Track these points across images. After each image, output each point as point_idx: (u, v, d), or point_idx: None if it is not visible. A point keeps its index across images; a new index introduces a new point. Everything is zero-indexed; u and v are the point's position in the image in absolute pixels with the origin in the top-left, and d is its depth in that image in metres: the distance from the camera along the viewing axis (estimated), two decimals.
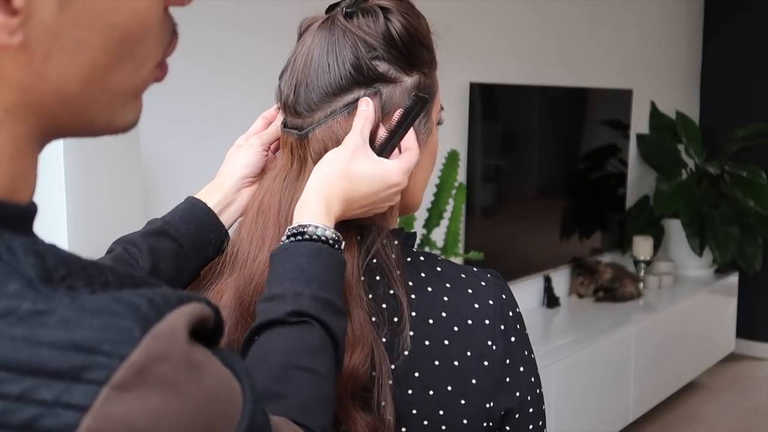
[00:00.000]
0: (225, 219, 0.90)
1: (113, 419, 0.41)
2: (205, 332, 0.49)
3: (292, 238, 0.77)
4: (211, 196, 0.90)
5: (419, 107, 0.82)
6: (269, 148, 0.92)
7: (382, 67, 0.83)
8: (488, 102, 3.29)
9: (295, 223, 0.78)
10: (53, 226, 1.53)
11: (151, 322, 0.43)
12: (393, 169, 0.81)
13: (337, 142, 0.82)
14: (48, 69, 0.46)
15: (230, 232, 0.91)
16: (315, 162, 0.82)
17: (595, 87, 3.96)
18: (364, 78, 0.82)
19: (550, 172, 3.88)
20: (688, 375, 4.09)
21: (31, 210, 0.49)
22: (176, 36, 0.54)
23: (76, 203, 1.55)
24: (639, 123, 4.44)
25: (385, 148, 0.82)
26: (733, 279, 4.52)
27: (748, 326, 4.71)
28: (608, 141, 4.17)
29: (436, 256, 0.90)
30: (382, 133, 0.83)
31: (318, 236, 0.76)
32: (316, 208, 0.77)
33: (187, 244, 0.87)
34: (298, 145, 0.84)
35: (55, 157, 1.53)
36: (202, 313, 0.48)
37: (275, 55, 0.94)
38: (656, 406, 3.81)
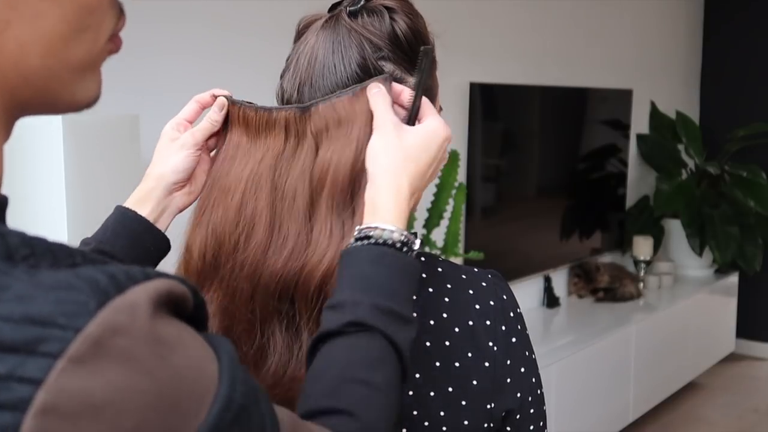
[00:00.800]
0: (160, 226, 0.88)
1: (69, 393, 0.40)
2: (188, 314, 0.48)
3: (358, 242, 0.73)
4: (144, 206, 0.87)
5: (429, 60, 0.81)
6: (201, 146, 0.88)
7: (388, 67, 0.82)
8: (488, 102, 3.28)
9: (364, 224, 0.74)
10: (53, 226, 1.53)
11: (110, 296, 0.42)
12: (435, 126, 0.79)
13: (338, 122, 0.80)
14: (7, 40, 0.46)
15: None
16: (314, 137, 0.81)
17: (595, 87, 3.96)
18: (370, 76, 0.81)
19: (550, 172, 3.88)
20: (688, 375, 4.09)
21: (1, 201, 0.48)
22: (123, 13, 0.56)
23: (76, 203, 1.55)
24: (639, 123, 4.44)
25: (413, 116, 0.80)
26: (733, 279, 4.52)
27: (748, 326, 4.71)
28: (608, 141, 4.17)
29: (436, 257, 0.89)
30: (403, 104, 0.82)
31: (384, 240, 0.72)
32: (387, 207, 0.74)
33: (126, 259, 0.83)
34: (297, 120, 0.82)
35: (55, 156, 1.53)
36: (173, 289, 0.46)
37: (274, 56, 0.94)
38: (656, 406, 3.81)
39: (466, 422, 0.83)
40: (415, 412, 0.81)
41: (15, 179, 1.56)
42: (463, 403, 0.82)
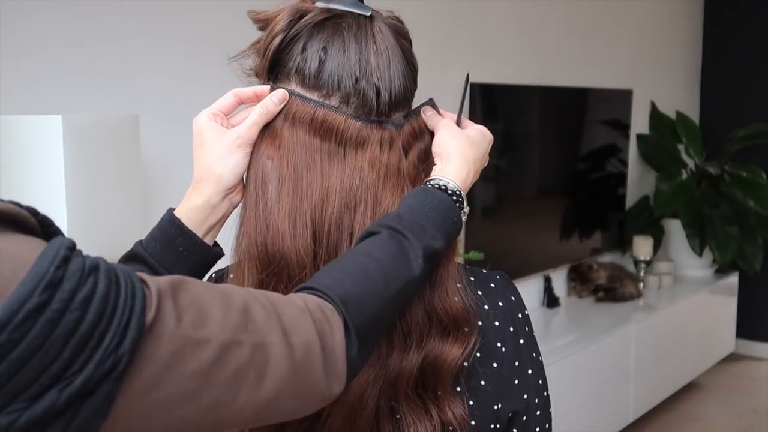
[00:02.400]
0: (213, 232, 0.86)
1: None
2: (33, 229, 0.57)
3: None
4: (201, 212, 0.84)
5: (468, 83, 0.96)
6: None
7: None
8: (488, 102, 3.28)
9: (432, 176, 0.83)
10: None
11: None
12: (484, 128, 0.91)
13: (416, 136, 0.86)
14: None
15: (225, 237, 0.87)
16: (403, 150, 0.85)
17: (595, 87, 3.96)
18: (416, 84, 0.87)
19: (550, 172, 3.88)
20: (688, 375, 4.09)
21: None
22: None
23: (76, 203, 1.55)
24: (639, 123, 4.44)
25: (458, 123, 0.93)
26: (733, 279, 4.52)
27: (748, 326, 4.71)
28: (608, 141, 4.17)
29: None
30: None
31: (437, 185, 0.82)
32: (453, 171, 0.84)
33: (157, 263, 0.83)
34: (394, 137, 0.84)
35: (55, 156, 1.53)
36: (6, 209, 0.55)
37: None
38: (656, 406, 3.81)
39: (473, 422, 0.83)
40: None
41: (15, 179, 1.55)
42: (471, 403, 0.83)
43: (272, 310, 0.64)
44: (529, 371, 0.86)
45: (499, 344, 0.84)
